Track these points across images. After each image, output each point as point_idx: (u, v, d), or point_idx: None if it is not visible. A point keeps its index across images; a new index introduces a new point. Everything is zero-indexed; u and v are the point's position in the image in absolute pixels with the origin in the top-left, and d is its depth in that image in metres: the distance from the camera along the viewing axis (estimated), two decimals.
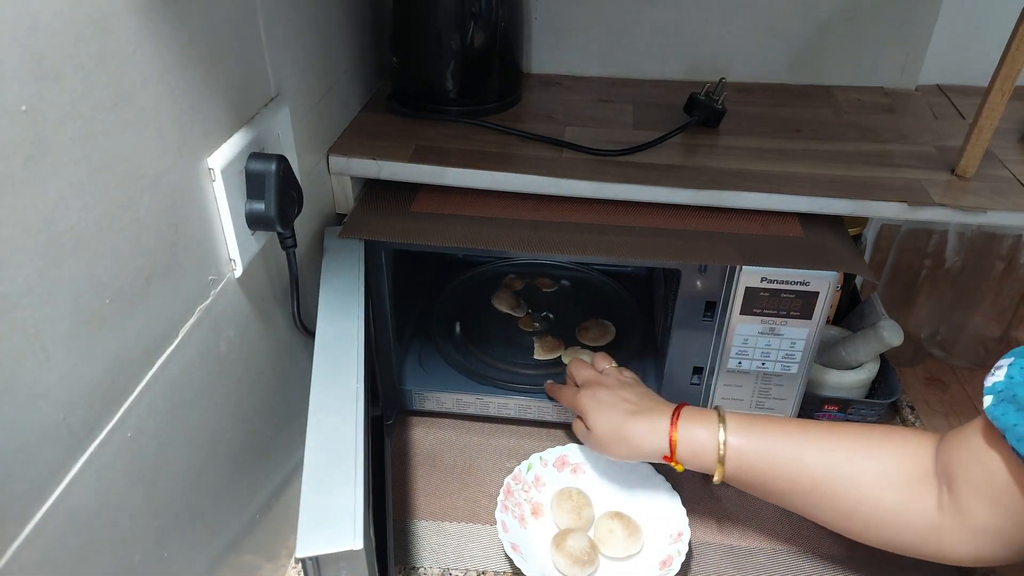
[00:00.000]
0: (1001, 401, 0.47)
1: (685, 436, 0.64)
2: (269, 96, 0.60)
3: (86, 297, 0.40)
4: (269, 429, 0.65)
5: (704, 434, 0.64)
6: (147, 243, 0.45)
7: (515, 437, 0.85)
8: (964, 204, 0.69)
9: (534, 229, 0.72)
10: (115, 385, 0.43)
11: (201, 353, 0.52)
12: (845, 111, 0.87)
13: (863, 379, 0.83)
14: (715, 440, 0.63)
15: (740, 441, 0.63)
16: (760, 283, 0.68)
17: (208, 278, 0.53)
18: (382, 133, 0.79)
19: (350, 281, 0.68)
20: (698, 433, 0.64)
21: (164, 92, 0.45)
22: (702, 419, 0.65)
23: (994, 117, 0.68)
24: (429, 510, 0.76)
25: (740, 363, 0.73)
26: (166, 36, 0.45)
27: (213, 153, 0.52)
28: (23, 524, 0.37)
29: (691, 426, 0.65)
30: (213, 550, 0.56)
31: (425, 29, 0.80)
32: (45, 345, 0.37)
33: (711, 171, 0.74)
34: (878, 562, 0.70)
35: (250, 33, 0.56)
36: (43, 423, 0.38)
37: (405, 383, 0.85)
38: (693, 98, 0.82)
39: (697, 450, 0.64)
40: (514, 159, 0.75)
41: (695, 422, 0.65)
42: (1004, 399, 0.47)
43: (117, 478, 0.44)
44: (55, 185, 0.37)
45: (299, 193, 0.60)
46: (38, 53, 0.35)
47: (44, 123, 0.36)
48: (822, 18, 0.89)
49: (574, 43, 0.94)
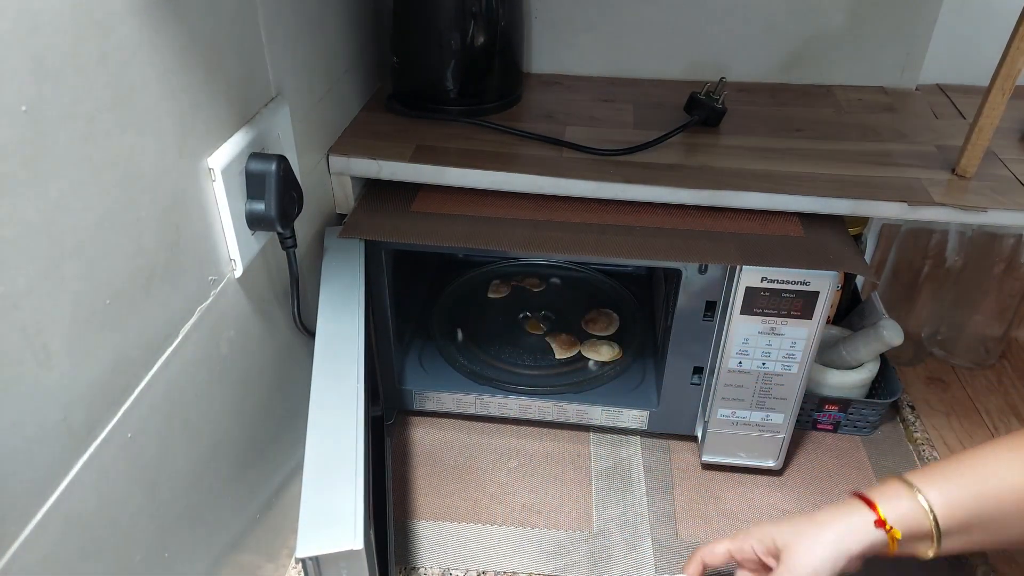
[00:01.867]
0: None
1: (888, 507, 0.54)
2: (269, 96, 0.60)
3: (86, 297, 0.40)
4: (269, 429, 0.65)
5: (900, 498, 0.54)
6: (147, 243, 0.45)
7: (515, 437, 0.85)
8: (964, 204, 0.69)
9: (534, 229, 0.71)
10: (115, 385, 0.43)
11: (201, 353, 0.52)
12: (846, 110, 0.87)
13: (864, 379, 0.83)
14: (913, 500, 0.54)
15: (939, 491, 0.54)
16: (760, 283, 0.68)
17: (208, 278, 0.53)
18: (382, 133, 0.79)
19: (350, 281, 0.68)
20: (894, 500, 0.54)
21: (164, 92, 0.45)
22: (883, 488, 0.56)
23: (994, 116, 0.68)
24: (429, 510, 0.76)
25: (740, 363, 0.73)
26: (166, 36, 0.45)
27: (213, 153, 0.52)
28: (24, 524, 0.37)
29: (882, 495, 0.55)
30: (214, 550, 0.56)
31: (425, 29, 0.80)
32: (45, 345, 0.37)
33: (711, 171, 0.74)
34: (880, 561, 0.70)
35: (250, 33, 0.56)
36: (43, 423, 0.38)
37: (405, 383, 0.85)
38: (693, 97, 0.81)
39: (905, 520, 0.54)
40: (514, 159, 0.75)
41: (881, 492, 0.56)
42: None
43: (118, 478, 0.44)
44: (55, 185, 0.37)
45: (299, 193, 0.60)
46: (38, 53, 0.35)
47: (44, 123, 0.36)
48: (822, 17, 0.89)
49: (574, 43, 0.94)
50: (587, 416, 0.83)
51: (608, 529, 0.75)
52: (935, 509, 0.53)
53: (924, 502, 0.54)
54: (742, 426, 0.78)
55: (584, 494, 0.78)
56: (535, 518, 0.76)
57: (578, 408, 0.82)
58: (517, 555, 0.72)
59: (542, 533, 0.74)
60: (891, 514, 0.54)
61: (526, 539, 0.74)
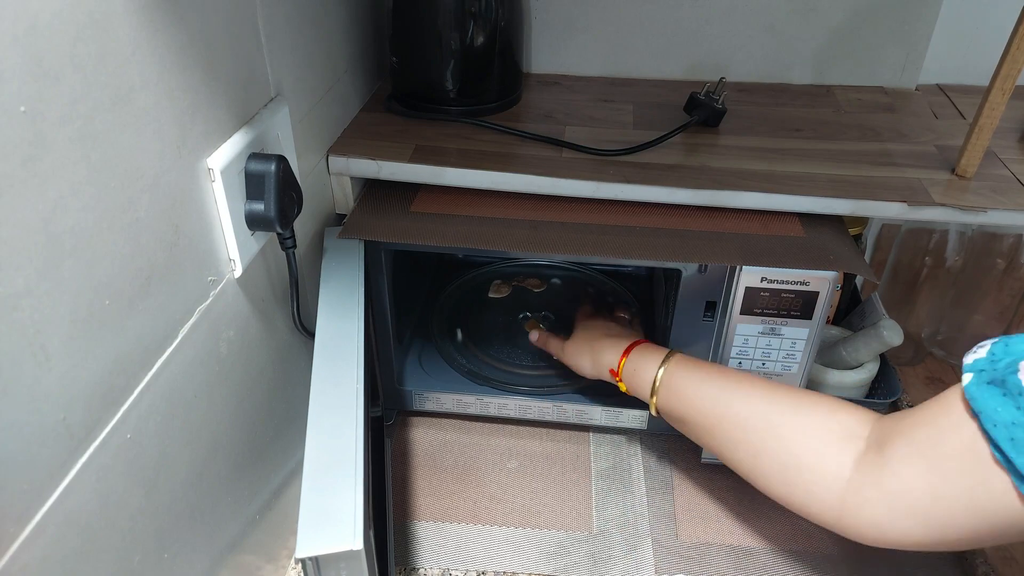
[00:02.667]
0: (982, 382, 0.44)
1: (632, 363, 0.69)
2: (269, 96, 0.60)
3: (85, 298, 0.40)
4: (269, 430, 0.65)
5: (647, 365, 0.68)
6: (146, 243, 0.45)
7: (515, 437, 0.85)
8: (964, 204, 0.69)
9: (534, 229, 0.71)
10: (115, 386, 0.43)
11: (201, 354, 0.52)
12: (845, 110, 0.87)
13: (863, 379, 0.83)
14: (654, 372, 0.67)
15: (675, 376, 0.66)
16: (760, 283, 0.68)
17: (208, 278, 0.53)
18: (382, 133, 0.79)
19: (350, 281, 0.68)
20: (643, 363, 0.68)
21: (163, 92, 0.45)
22: (653, 353, 0.69)
23: (994, 116, 0.68)
24: (429, 510, 0.76)
25: (740, 363, 0.73)
26: (165, 36, 0.45)
27: (213, 153, 0.52)
28: (23, 524, 0.37)
29: (640, 356, 0.69)
30: (213, 550, 0.56)
31: (425, 29, 0.80)
32: (45, 346, 0.37)
33: (711, 171, 0.74)
34: (879, 561, 0.70)
35: (249, 33, 0.56)
36: (43, 424, 0.38)
37: (405, 383, 0.84)
38: (693, 98, 0.81)
39: (638, 379, 0.68)
40: (514, 159, 0.75)
41: (646, 354, 0.69)
42: (986, 380, 0.44)
43: (117, 478, 0.43)
44: (54, 185, 0.37)
45: (299, 193, 0.60)
46: (37, 53, 0.35)
47: (43, 123, 0.36)
48: (822, 17, 0.89)
49: (574, 43, 0.94)
50: (587, 416, 0.83)
51: (608, 529, 0.75)
52: (660, 383, 0.66)
53: (659, 373, 0.66)
54: None
55: (584, 494, 0.78)
56: (535, 518, 0.76)
57: (578, 408, 0.82)
58: (517, 555, 0.72)
59: (542, 533, 0.74)
60: (628, 367, 0.69)
61: (526, 539, 0.73)
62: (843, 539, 0.63)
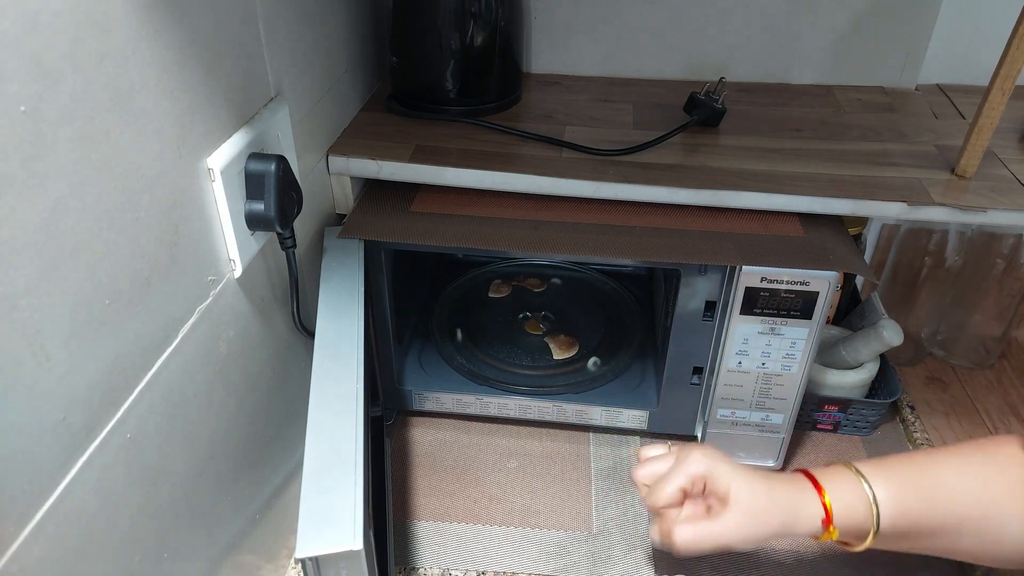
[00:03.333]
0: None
1: (836, 496, 0.54)
2: (269, 96, 0.60)
3: (85, 297, 0.40)
4: (269, 429, 0.65)
5: (849, 497, 0.54)
6: (146, 243, 0.45)
7: (515, 437, 0.85)
8: (964, 204, 0.69)
9: (534, 229, 0.71)
10: (115, 385, 0.43)
11: (201, 353, 0.52)
12: (845, 111, 0.87)
13: (863, 379, 0.83)
14: (864, 505, 0.54)
15: (889, 501, 0.54)
16: (760, 283, 0.68)
17: (208, 278, 0.53)
18: (382, 133, 0.79)
19: (350, 281, 0.68)
20: (842, 489, 0.55)
21: (163, 92, 0.45)
22: (837, 479, 0.56)
23: (994, 117, 0.68)
24: (429, 510, 0.76)
25: (740, 363, 0.73)
26: (165, 36, 0.45)
27: (212, 153, 0.52)
28: (23, 524, 0.37)
29: (833, 489, 0.55)
30: (213, 550, 0.56)
31: (425, 29, 0.80)
32: (45, 345, 0.37)
33: (711, 171, 0.74)
34: (880, 562, 0.70)
35: (250, 33, 0.56)
36: (43, 423, 0.38)
37: (405, 383, 0.84)
38: (693, 98, 0.81)
39: (850, 520, 0.54)
40: (514, 159, 0.75)
41: (834, 484, 0.55)
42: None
43: (117, 478, 0.43)
44: (54, 185, 0.37)
45: (299, 193, 0.60)
46: (37, 53, 0.35)
47: (43, 123, 0.36)
48: (822, 17, 0.89)
49: (574, 43, 0.94)
50: (587, 416, 0.83)
51: (608, 529, 0.75)
52: (879, 506, 0.53)
53: (870, 495, 0.54)
54: (742, 426, 0.78)
55: (584, 494, 0.78)
56: (535, 518, 0.76)
57: (578, 408, 0.82)
58: (517, 555, 0.72)
59: (542, 533, 0.74)
60: (837, 504, 0.54)
61: (526, 539, 0.74)
62: None
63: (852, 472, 0.55)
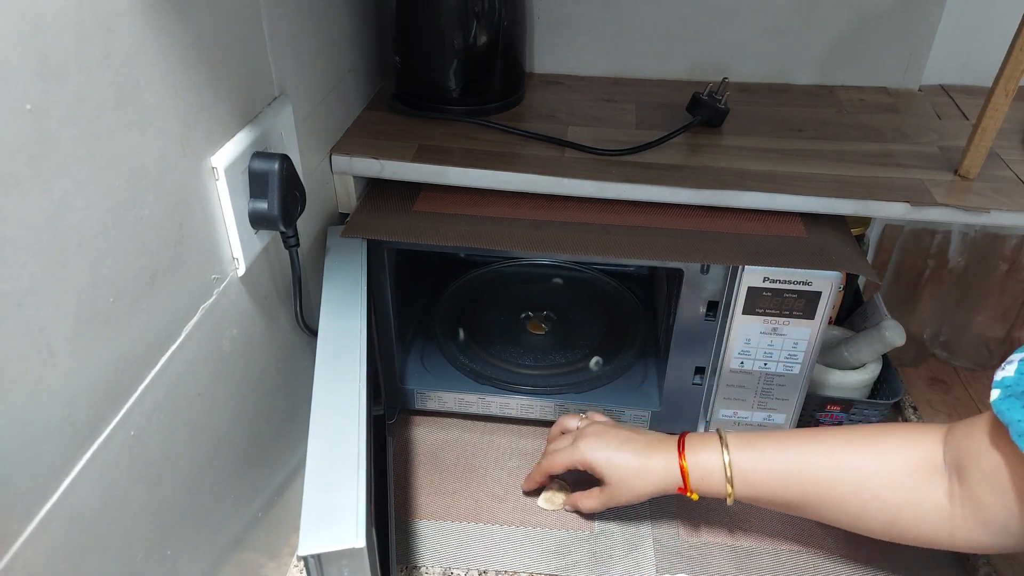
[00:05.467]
0: (1008, 396, 0.47)
1: (693, 464, 0.66)
2: (272, 95, 0.60)
3: (90, 295, 0.40)
4: (272, 427, 0.65)
5: (709, 458, 0.65)
6: (151, 242, 0.45)
7: (517, 436, 0.85)
8: (967, 204, 0.69)
9: (536, 228, 0.72)
10: (119, 383, 0.43)
11: (204, 352, 0.52)
12: (848, 111, 0.87)
13: (865, 379, 0.83)
14: (720, 462, 0.64)
15: (744, 458, 0.64)
16: (763, 283, 0.68)
17: (211, 277, 0.53)
18: (385, 132, 0.79)
19: (352, 280, 0.68)
20: (704, 458, 0.65)
21: (168, 91, 0.45)
22: (704, 444, 0.66)
23: (998, 117, 0.68)
24: (431, 509, 0.76)
25: (742, 363, 0.73)
26: (170, 35, 0.45)
27: (216, 152, 0.52)
28: (27, 521, 0.37)
29: (696, 453, 0.66)
30: (216, 548, 0.57)
31: (428, 28, 0.80)
32: (49, 343, 0.37)
33: (714, 171, 0.74)
34: (881, 562, 0.70)
35: (254, 32, 0.56)
36: (47, 421, 0.38)
37: (407, 382, 0.85)
38: (696, 98, 0.81)
39: (706, 476, 0.65)
40: (516, 158, 0.75)
41: (699, 448, 0.66)
42: (1011, 394, 0.47)
43: (121, 476, 0.44)
44: (59, 184, 0.37)
45: (302, 192, 0.60)
46: (43, 52, 0.35)
47: (48, 122, 0.36)
48: (825, 17, 0.89)
49: (577, 42, 0.94)
50: None
51: (609, 529, 0.75)
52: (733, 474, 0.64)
53: (726, 463, 0.64)
54: (744, 426, 0.78)
55: None
56: (536, 517, 0.76)
57: (580, 408, 0.82)
58: (518, 554, 0.72)
59: (543, 532, 0.74)
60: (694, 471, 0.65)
61: (527, 538, 0.74)
62: (845, 538, 0.64)
63: (718, 441, 0.65)
